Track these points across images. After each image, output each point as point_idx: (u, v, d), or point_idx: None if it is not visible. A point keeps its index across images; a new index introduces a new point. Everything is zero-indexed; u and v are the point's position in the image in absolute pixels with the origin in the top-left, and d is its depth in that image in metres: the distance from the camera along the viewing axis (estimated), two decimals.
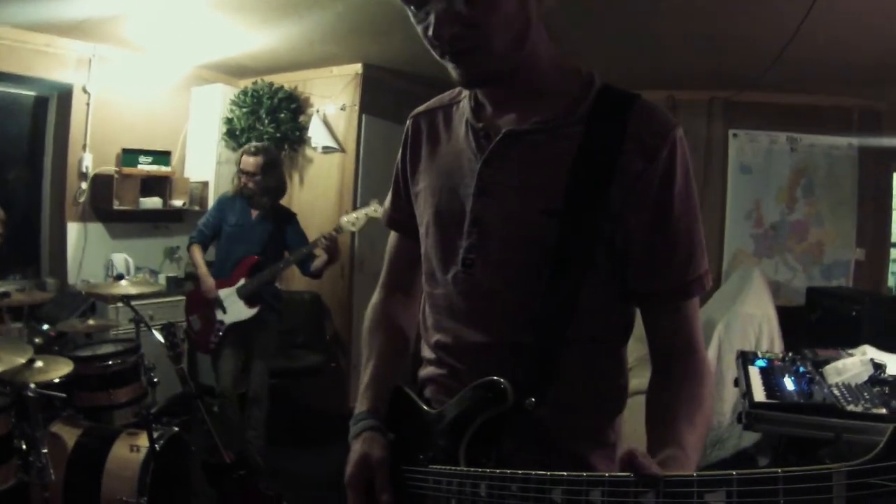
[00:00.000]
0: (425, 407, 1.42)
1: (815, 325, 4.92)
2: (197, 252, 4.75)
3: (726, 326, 4.53)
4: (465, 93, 1.44)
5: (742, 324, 4.50)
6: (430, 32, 1.19)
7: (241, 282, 4.64)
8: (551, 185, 1.25)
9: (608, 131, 1.24)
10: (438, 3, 1.16)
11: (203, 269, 4.70)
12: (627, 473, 0.92)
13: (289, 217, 4.89)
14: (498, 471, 1.12)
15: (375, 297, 1.67)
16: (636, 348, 4.54)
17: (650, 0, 3.74)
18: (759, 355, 3.49)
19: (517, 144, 1.30)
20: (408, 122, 1.56)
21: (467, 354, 1.38)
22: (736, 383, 3.29)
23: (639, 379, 4.31)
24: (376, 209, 4.45)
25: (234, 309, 4.64)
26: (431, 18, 1.18)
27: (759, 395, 2.94)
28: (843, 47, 3.99)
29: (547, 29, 1.30)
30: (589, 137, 1.24)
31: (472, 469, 1.19)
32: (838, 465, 0.72)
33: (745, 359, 3.44)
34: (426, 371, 1.52)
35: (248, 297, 4.64)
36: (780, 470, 0.76)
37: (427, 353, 1.52)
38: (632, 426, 4.07)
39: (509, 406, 1.20)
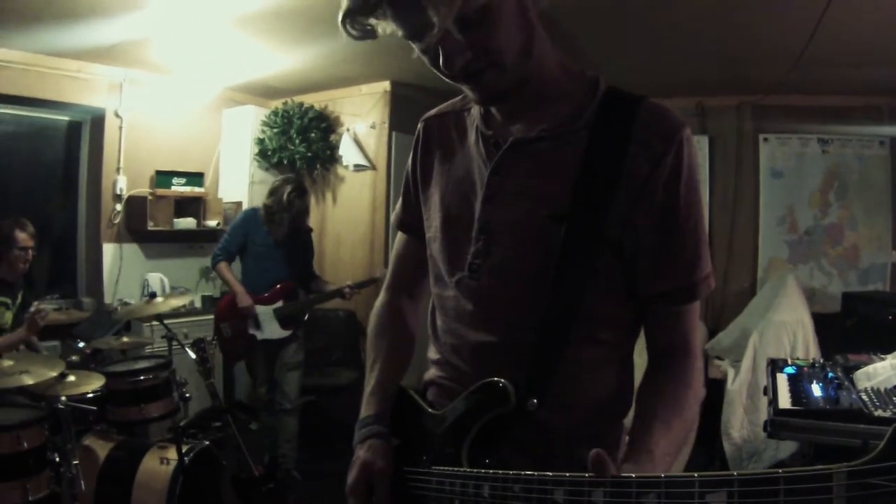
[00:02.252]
0: (429, 409, 1.42)
1: (851, 331, 4.82)
2: (226, 269, 4.79)
3: (761, 336, 4.47)
4: None
5: (776, 331, 4.44)
6: (442, 64, 1.19)
7: (280, 303, 4.72)
8: (557, 193, 1.25)
9: (614, 136, 1.24)
10: (443, 34, 1.15)
11: (237, 286, 4.73)
12: (629, 475, 0.94)
13: (306, 234, 5.02)
14: (500, 472, 1.12)
15: (381, 299, 1.68)
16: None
17: (671, 12, 3.74)
18: (789, 362, 3.44)
19: (525, 152, 1.30)
20: (419, 125, 1.57)
21: (472, 356, 1.39)
22: (765, 392, 3.25)
23: None
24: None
25: (270, 328, 4.71)
26: (439, 50, 1.18)
27: (785, 401, 2.89)
28: (864, 44, 3.94)
29: (550, 32, 1.31)
30: (594, 143, 1.24)
31: (475, 470, 1.19)
32: (838, 466, 0.72)
33: (775, 366, 3.40)
34: (431, 373, 1.52)
35: (283, 320, 4.72)
36: (780, 470, 0.76)
37: (433, 354, 1.53)
38: None
39: (511, 407, 1.20)
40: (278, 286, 4.76)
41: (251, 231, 4.81)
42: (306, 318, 5.02)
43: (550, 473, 1.02)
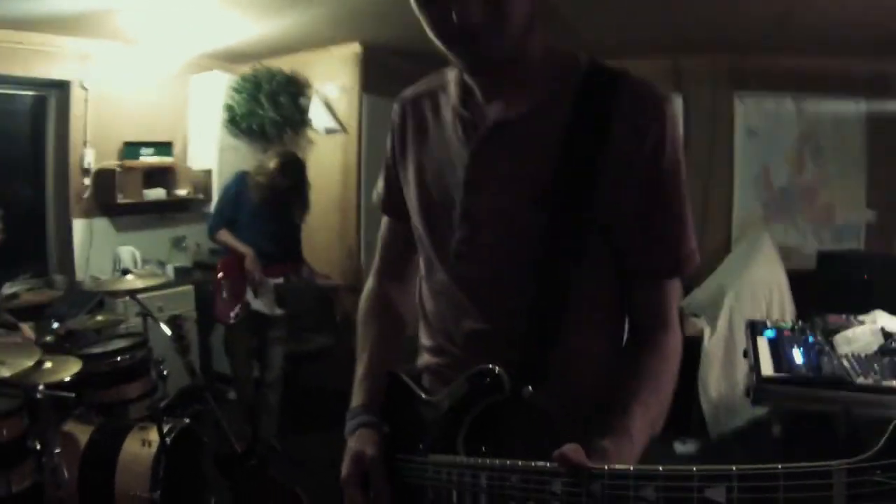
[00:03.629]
0: (423, 395, 1.41)
1: (826, 290, 4.87)
2: (227, 235, 4.64)
3: (737, 294, 4.51)
4: (451, 77, 1.42)
5: (752, 290, 4.48)
6: (456, 16, 1.15)
7: (280, 279, 4.66)
8: (539, 175, 1.24)
9: (595, 114, 1.22)
10: None
11: (243, 248, 4.58)
12: (627, 467, 0.94)
13: (299, 216, 4.86)
14: (498, 461, 1.11)
15: (369, 284, 1.67)
16: None
17: None
18: (769, 325, 3.46)
19: (504, 135, 1.28)
20: (395, 106, 1.54)
21: (466, 343, 1.38)
22: (745, 354, 3.27)
23: None
24: None
25: (265, 300, 4.64)
26: (455, 5, 1.14)
27: (768, 368, 2.93)
28: (845, 7, 3.93)
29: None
30: (576, 123, 1.23)
31: (473, 459, 1.18)
32: (838, 463, 0.72)
33: (754, 329, 3.42)
34: (424, 359, 1.52)
35: (280, 298, 4.68)
36: (780, 466, 0.76)
37: (425, 340, 1.52)
38: None
39: (506, 395, 1.19)
40: (282, 264, 4.69)
41: (240, 200, 4.67)
42: None
43: (548, 463, 1.01)
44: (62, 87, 5.52)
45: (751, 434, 4.24)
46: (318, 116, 6.07)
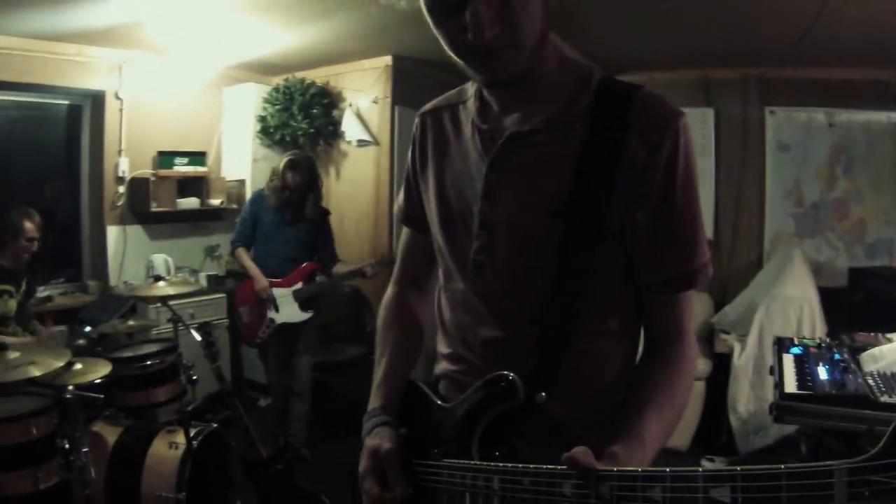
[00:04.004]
0: (438, 401, 1.43)
1: (857, 307, 4.81)
2: (244, 254, 4.81)
3: (767, 310, 4.47)
4: (471, 92, 1.44)
5: (782, 307, 4.43)
6: (471, 34, 1.17)
7: (299, 285, 4.72)
8: (556, 186, 1.25)
9: (610, 127, 1.23)
10: (477, 6, 1.14)
11: (255, 270, 4.74)
12: (634, 469, 0.96)
13: (321, 216, 4.91)
14: (510, 465, 1.13)
15: (389, 293, 1.69)
16: None
17: None
18: (796, 342, 3.43)
19: (521, 146, 1.30)
20: (416, 119, 1.56)
21: (483, 350, 1.40)
22: (771, 371, 3.24)
23: None
24: None
25: (288, 310, 4.72)
26: (469, 21, 1.16)
27: (791, 385, 2.90)
28: (874, 18, 3.89)
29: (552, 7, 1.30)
30: (591, 135, 1.24)
31: (485, 463, 1.20)
32: (840, 463, 0.73)
33: (781, 346, 3.39)
34: (441, 366, 1.54)
35: (303, 302, 4.72)
36: (783, 466, 0.77)
37: (443, 347, 1.54)
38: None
39: (520, 401, 1.21)
40: (299, 268, 4.76)
41: (259, 211, 4.82)
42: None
43: (559, 467, 1.03)
44: (97, 97, 5.61)
45: (780, 451, 4.20)
46: (350, 128, 6.09)
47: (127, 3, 4.17)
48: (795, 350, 3.28)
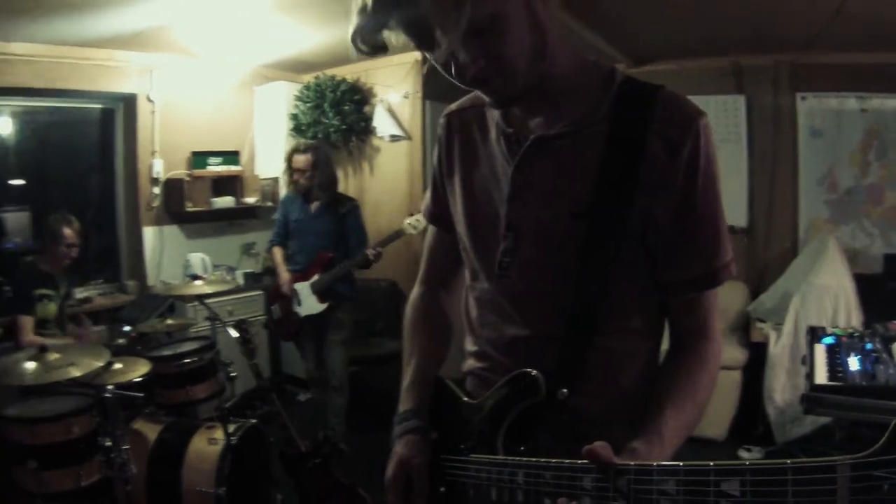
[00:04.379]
0: (465, 398, 1.46)
1: (893, 293, 4.73)
2: (277, 252, 5.00)
3: (802, 298, 4.42)
4: None
5: (818, 295, 4.38)
6: (454, 73, 1.21)
7: (315, 277, 4.77)
8: (579, 189, 1.27)
9: (631, 128, 1.24)
10: (453, 44, 1.15)
11: (280, 266, 4.93)
12: (650, 463, 0.98)
13: (349, 206, 4.93)
14: (533, 459, 1.16)
15: (415, 292, 1.72)
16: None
17: None
18: (828, 331, 3.39)
19: (545, 150, 1.31)
20: (441, 120, 1.58)
21: (508, 348, 1.42)
22: (803, 361, 3.21)
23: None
24: None
25: (308, 303, 4.79)
26: (450, 59, 1.19)
27: (821, 376, 2.87)
28: None
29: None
30: (613, 137, 1.25)
31: (510, 458, 1.23)
32: (842, 458, 0.74)
33: (814, 335, 3.35)
34: (468, 364, 1.56)
35: (319, 293, 4.77)
36: (789, 461, 0.79)
37: (470, 346, 1.56)
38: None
39: (543, 397, 1.24)
40: (313, 260, 4.82)
41: (287, 210, 4.95)
42: (356, 287, 5.04)
43: (580, 461, 1.05)
44: (129, 100, 5.70)
45: (816, 440, 4.17)
46: (382, 124, 6.11)
47: (153, 7, 4.22)
48: (827, 340, 3.25)
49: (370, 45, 1.23)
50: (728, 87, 5.40)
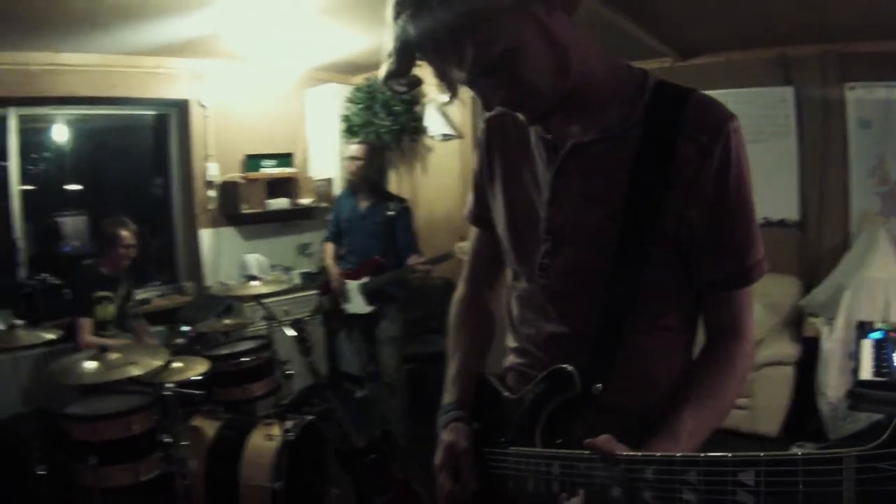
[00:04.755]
0: (506, 393, 1.51)
1: None
2: (328, 248, 5.06)
3: (853, 293, 4.35)
4: None
5: (869, 289, 4.28)
6: (480, 102, 1.29)
7: (365, 279, 4.81)
8: (614, 192, 1.30)
9: (664, 132, 1.27)
10: (474, 73, 1.21)
11: (328, 262, 4.99)
12: (671, 453, 1.03)
13: (399, 208, 4.93)
14: (567, 451, 1.22)
15: (459, 292, 1.78)
16: (767, 319, 4.37)
17: None
18: (877, 326, 3.34)
19: (582, 156, 1.35)
20: (481, 124, 1.62)
21: (546, 345, 1.47)
22: (851, 357, 3.18)
23: (770, 349, 4.15)
24: None
25: (356, 302, 4.83)
26: (475, 88, 1.26)
27: (867, 372, 2.83)
28: None
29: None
30: (646, 141, 1.29)
31: (546, 450, 1.29)
32: (848, 451, 0.78)
33: (862, 330, 3.31)
34: (509, 360, 1.61)
35: (367, 294, 4.81)
36: (799, 453, 0.83)
37: (511, 342, 1.61)
38: (760, 397, 3.89)
39: (577, 392, 1.28)
40: (363, 262, 4.84)
41: (340, 210, 5.01)
42: (405, 286, 5.05)
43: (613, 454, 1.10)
44: (181, 106, 5.83)
45: (869, 437, 4.10)
46: (433, 123, 6.17)
47: (202, 16, 4.29)
48: (875, 335, 3.20)
49: (404, 85, 1.30)
50: (776, 78, 5.30)
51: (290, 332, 3.91)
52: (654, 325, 1.37)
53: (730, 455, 0.92)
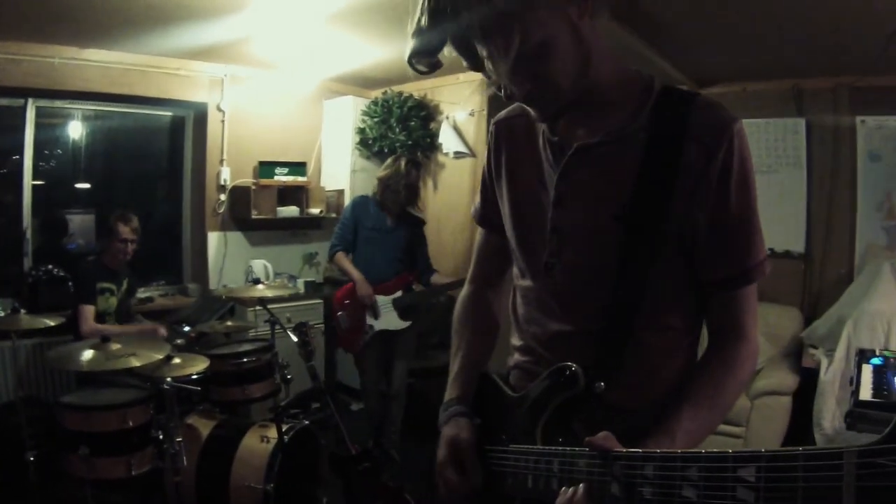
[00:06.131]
0: (508, 391, 1.52)
1: None
2: (343, 258, 4.83)
3: (855, 325, 4.34)
4: None
5: (870, 321, 4.28)
6: (504, 94, 1.32)
7: (398, 294, 4.77)
8: (620, 193, 1.32)
9: (669, 134, 1.30)
10: (502, 73, 1.26)
11: (357, 274, 4.74)
12: (675, 451, 1.03)
13: (420, 228, 4.95)
14: (567, 448, 1.22)
15: (465, 291, 1.79)
16: (767, 349, 4.35)
17: None
18: (877, 353, 3.35)
19: (588, 157, 1.37)
20: (491, 127, 1.65)
21: (551, 343, 1.48)
22: (851, 381, 3.18)
23: (769, 379, 4.14)
24: None
25: (388, 318, 4.76)
26: (502, 80, 1.29)
27: (866, 393, 2.83)
28: None
29: (640, 21, 1.38)
30: (652, 143, 1.31)
31: (545, 448, 1.29)
32: (849, 446, 0.78)
33: (863, 357, 3.31)
34: (514, 358, 1.63)
35: (402, 310, 4.77)
36: (800, 448, 0.83)
37: (516, 340, 1.62)
38: (755, 427, 3.89)
39: (581, 390, 1.29)
40: (398, 276, 4.79)
41: (361, 216, 4.82)
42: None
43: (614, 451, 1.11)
44: (199, 109, 5.87)
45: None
46: (447, 140, 6.18)
47: (233, 20, 4.32)
48: (875, 361, 3.21)
49: (426, 65, 1.34)
50: (789, 110, 5.33)
51: (293, 336, 3.88)
52: (658, 324, 1.38)
53: (730, 451, 0.92)
